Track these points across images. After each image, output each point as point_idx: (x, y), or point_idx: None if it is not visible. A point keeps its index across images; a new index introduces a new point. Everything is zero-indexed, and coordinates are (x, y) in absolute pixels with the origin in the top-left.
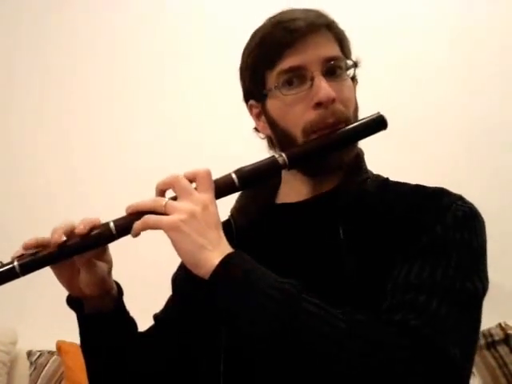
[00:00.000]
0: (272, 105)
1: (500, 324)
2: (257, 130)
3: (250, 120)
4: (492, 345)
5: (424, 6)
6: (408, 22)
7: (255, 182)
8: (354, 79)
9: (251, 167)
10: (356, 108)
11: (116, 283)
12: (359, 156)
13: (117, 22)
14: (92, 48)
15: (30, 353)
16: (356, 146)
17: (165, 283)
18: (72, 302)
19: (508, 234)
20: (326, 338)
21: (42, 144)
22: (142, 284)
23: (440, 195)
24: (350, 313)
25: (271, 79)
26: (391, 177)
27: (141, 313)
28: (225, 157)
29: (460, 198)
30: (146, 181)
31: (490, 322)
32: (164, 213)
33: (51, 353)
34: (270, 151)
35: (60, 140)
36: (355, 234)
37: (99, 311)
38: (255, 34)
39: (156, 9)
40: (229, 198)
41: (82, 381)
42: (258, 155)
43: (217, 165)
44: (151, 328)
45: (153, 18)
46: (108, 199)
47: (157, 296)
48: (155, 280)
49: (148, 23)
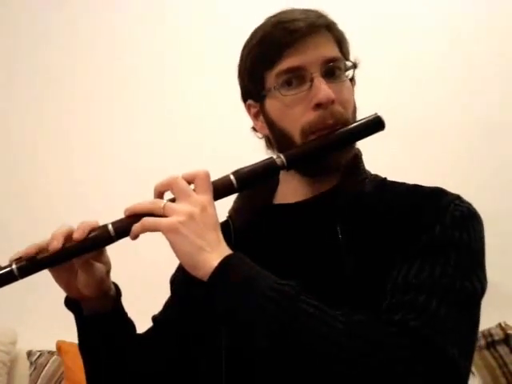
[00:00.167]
0: (271, 105)
1: (500, 324)
2: (255, 130)
3: (250, 120)
4: (492, 345)
5: (424, 6)
6: (408, 22)
7: (253, 184)
8: (353, 80)
9: (249, 168)
10: (354, 109)
11: (114, 284)
12: (357, 156)
13: (117, 22)
14: (92, 48)
15: (30, 353)
16: (354, 147)
17: (163, 285)
18: (70, 304)
19: (507, 234)
20: (325, 339)
21: (42, 144)
22: (141, 285)
23: (438, 195)
24: (349, 313)
25: (270, 79)
26: (390, 177)
27: (139, 314)
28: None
29: (458, 198)
30: (146, 181)
31: (490, 322)
32: (162, 215)
33: (51, 353)
34: (268, 151)
35: (60, 140)
36: (354, 235)
37: (97, 312)
38: (254, 34)
39: (156, 9)
40: (227, 199)
41: (82, 381)
42: (258, 155)
43: (216, 165)
44: (150, 329)
45: (153, 18)
46: (107, 199)
47: (155, 297)
48: (154, 281)
49: (148, 23)
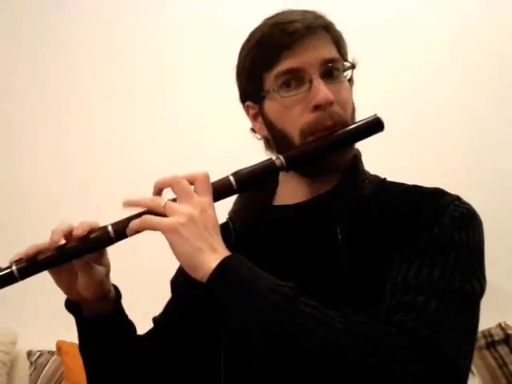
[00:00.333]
0: (269, 106)
1: (500, 324)
2: (253, 131)
3: (249, 121)
4: (492, 345)
5: (424, 6)
6: (408, 22)
7: (253, 185)
8: (351, 80)
9: (249, 170)
10: (353, 110)
11: (114, 286)
12: (357, 157)
13: (117, 22)
14: (92, 48)
15: (30, 353)
16: (353, 147)
17: (164, 286)
18: (70, 306)
19: (507, 234)
20: (324, 340)
21: (42, 144)
22: (141, 287)
23: (437, 195)
24: (349, 314)
25: (269, 81)
26: (390, 177)
27: (140, 316)
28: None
29: (457, 199)
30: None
31: (490, 322)
32: (162, 213)
33: (51, 353)
34: (267, 152)
35: (60, 140)
36: (353, 235)
37: (98, 315)
38: (252, 35)
39: (156, 9)
40: (226, 201)
41: (82, 381)
42: (257, 156)
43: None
44: (150, 331)
45: (153, 18)
46: (107, 200)
47: (156, 299)
48: (154, 283)
49: (148, 23)
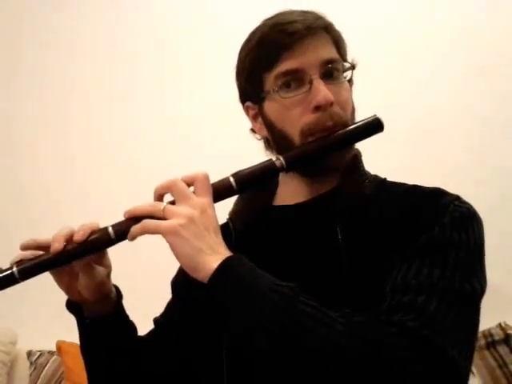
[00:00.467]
0: (269, 107)
1: (500, 324)
2: (253, 131)
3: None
4: (492, 345)
5: (424, 6)
6: (408, 22)
7: (253, 185)
8: (351, 81)
9: (249, 171)
10: (353, 110)
11: (115, 287)
12: (357, 157)
13: (117, 22)
14: (92, 48)
15: (30, 353)
16: (353, 148)
17: (165, 287)
18: (71, 307)
19: (507, 234)
20: (325, 340)
21: (43, 145)
22: (142, 288)
23: (437, 195)
24: (349, 314)
25: (269, 81)
26: (390, 177)
27: (141, 316)
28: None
29: (457, 199)
30: (146, 182)
31: (490, 322)
32: (162, 217)
33: (51, 353)
34: (267, 152)
35: (60, 141)
36: (353, 236)
37: (99, 315)
38: (252, 35)
39: (156, 9)
40: (227, 201)
41: (82, 381)
42: (258, 156)
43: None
44: (151, 332)
45: (153, 18)
46: (108, 200)
47: (157, 300)
48: (155, 283)
49: (148, 23)
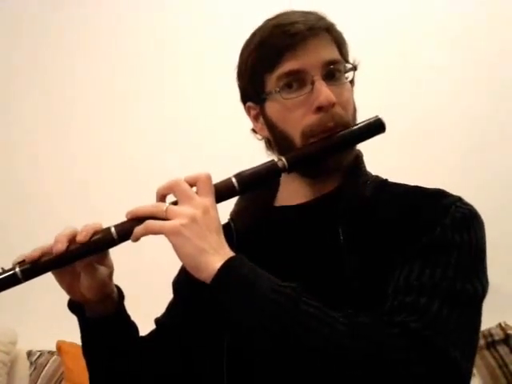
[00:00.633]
0: (271, 108)
1: (500, 324)
2: (254, 132)
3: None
4: (492, 345)
5: (424, 6)
6: (408, 22)
7: (255, 186)
8: (352, 82)
9: (251, 171)
10: (354, 111)
11: (117, 287)
12: (358, 158)
13: (117, 22)
14: (92, 48)
15: (30, 353)
16: (355, 149)
17: (166, 287)
18: (73, 307)
19: (508, 235)
20: (327, 340)
21: (43, 145)
22: (144, 288)
23: (439, 196)
24: (352, 315)
25: (271, 82)
26: (390, 178)
27: (142, 317)
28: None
29: (459, 199)
30: (146, 181)
31: (490, 322)
32: (165, 218)
33: (51, 353)
34: (268, 153)
35: (60, 141)
36: (355, 236)
37: (100, 316)
38: (254, 36)
39: (156, 9)
40: (228, 202)
41: (82, 381)
42: (258, 156)
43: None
44: (153, 332)
45: (153, 18)
46: (109, 201)
47: (158, 300)
48: (156, 284)
49: (148, 23)
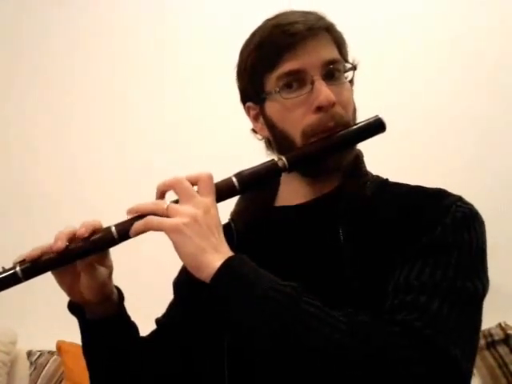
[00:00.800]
0: (271, 107)
1: (500, 324)
2: (254, 132)
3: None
4: (492, 345)
5: (424, 6)
6: (408, 22)
7: (255, 186)
8: (352, 81)
9: (251, 171)
10: (354, 110)
11: (117, 288)
12: (358, 157)
13: (117, 23)
14: (92, 48)
15: (30, 353)
16: (355, 148)
17: (167, 287)
18: (73, 308)
19: (508, 234)
20: (328, 340)
21: (43, 145)
22: (144, 288)
23: (440, 196)
24: (352, 314)
25: (270, 82)
26: (391, 178)
27: (143, 317)
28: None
29: (460, 199)
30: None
31: (490, 322)
32: (165, 216)
33: (51, 353)
34: (268, 152)
35: (60, 140)
36: (356, 236)
37: (100, 316)
38: (253, 36)
39: (156, 9)
40: (228, 201)
41: (82, 381)
42: (258, 156)
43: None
44: (153, 332)
45: (153, 18)
46: (109, 200)
47: (159, 300)
48: (157, 284)
49: (148, 23)
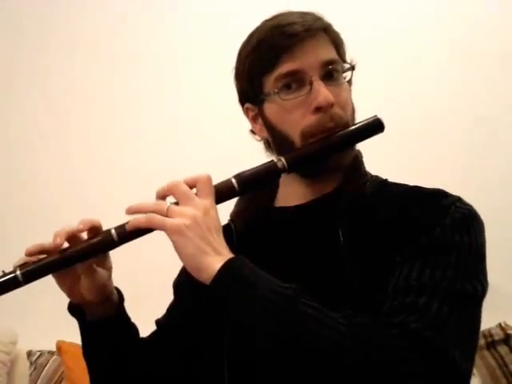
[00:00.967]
0: (270, 109)
1: (500, 324)
2: (253, 133)
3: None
4: (492, 345)
5: (424, 6)
6: (408, 22)
7: (255, 187)
8: (350, 82)
9: (251, 172)
10: (353, 111)
11: (117, 289)
12: (357, 158)
13: (117, 22)
14: (92, 48)
15: (30, 353)
16: (354, 149)
17: (167, 288)
18: (73, 310)
19: (508, 235)
20: (327, 341)
21: (43, 145)
22: (144, 289)
23: (439, 196)
24: (351, 315)
25: (269, 83)
26: (390, 178)
27: (143, 318)
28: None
29: (459, 200)
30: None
31: (490, 322)
32: (166, 216)
33: (51, 353)
34: (267, 153)
35: (60, 140)
36: (355, 237)
37: (100, 317)
38: (251, 37)
39: (156, 9)
40: (228, 202)
41: (82, 381)
42: (258, 156)
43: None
44: (153, 333)
45: (153, 18)
46: (108, 200)
47: (159, 301)
48: (157, 285)
49: (148, 23)
